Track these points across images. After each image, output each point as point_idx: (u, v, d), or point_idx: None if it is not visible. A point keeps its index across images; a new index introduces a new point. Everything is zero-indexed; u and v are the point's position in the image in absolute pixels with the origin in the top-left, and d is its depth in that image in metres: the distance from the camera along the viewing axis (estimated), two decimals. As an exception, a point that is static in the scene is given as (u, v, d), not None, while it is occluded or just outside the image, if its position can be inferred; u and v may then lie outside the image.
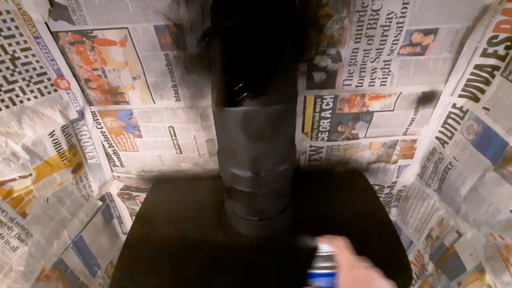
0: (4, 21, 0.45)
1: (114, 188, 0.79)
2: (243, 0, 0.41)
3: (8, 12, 0.45)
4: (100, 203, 0.76)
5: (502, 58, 0.49)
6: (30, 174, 0.54)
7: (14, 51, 0.47)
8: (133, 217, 0.87)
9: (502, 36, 0.48)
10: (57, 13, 0.46)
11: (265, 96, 0.37)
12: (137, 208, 0.84)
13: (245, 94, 0.37)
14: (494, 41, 0.49)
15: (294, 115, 0.46)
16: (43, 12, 0.46)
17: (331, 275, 0.39)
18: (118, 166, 0.73)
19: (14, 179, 0.52)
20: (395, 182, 0.78)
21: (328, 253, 0.41)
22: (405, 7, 0.47)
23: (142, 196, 0.80)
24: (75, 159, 0.64)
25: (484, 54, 0.50)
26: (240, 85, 0.37)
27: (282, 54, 0.41)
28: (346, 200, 0.64)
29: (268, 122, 0.39)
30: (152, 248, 0.56)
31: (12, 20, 0.46)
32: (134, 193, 0.80)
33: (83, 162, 0.67)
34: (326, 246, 0.42)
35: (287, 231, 0.57)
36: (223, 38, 0.41)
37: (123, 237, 0.91)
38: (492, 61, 0.50)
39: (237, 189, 0.49)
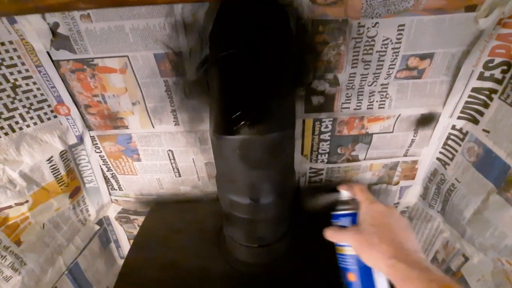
0: (7, 51, 0.46)
1: (112, 212, 0.78)
2: (241, 29, 0.42)
3: (11, 42, 0.46)
4: (97, 227, 0.75)
5: (499, 81, 0.49)
6: (27, 201, 0.53)
7: (16, 80, 0.48)
8: (131, 241, 0.85)
9: (497, 60, 0.48)
10: (59, 43, 0.47)
11: (262, 124, 0.37)
12: (135, 232, 0.82)
13: (242, 123, 0.37)
14: (490, 65, 0.49)
15: (293, 142, 0.46)
16: (45, 42, 0.47)
17: (352, 214, 0.43)
18: (116, 189, 0.72)
19: (10, 207, 0.51)
20: (398, 203, 0.76)
21: (349, 198, 0.45)
22: (400, 34, 0.48)
23: (140, 219, 0.79)
24: (73, 184, 0.63)
25: (481, 77, 0.51)
26: (237, 114, 0.37)
27: (280, 82, 0.41)
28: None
29: (266, 150, 0.39)
30: (149, 275, 0.54)
31: (15, 50, 0.47)
32: (132, 217, 0.79)
33: (81, 186, 0.66)
34: (346, 192, 0.46)
35: (287, 256, 0.55)
36: (222, 67, 0.41)
37: (120, 262, 0.88)
38: (489, 84, 0.50)
39: (236, 216, 0.48)
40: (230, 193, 0.45)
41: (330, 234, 0.43)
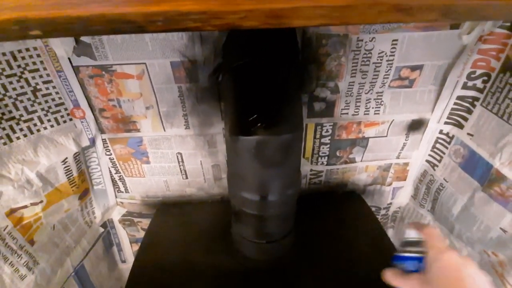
0: (31, 56, 0.49)
1: (116, 215, 0.79)
2: (252, 41, 0.46)
3: (35, 48, 0.49)
4: (101, 229, 0.76)
5: (480, 90, 0.55)
6: (41, 201, 0.55)
7: (37, 84, 0.50)
8: (133, 244, 0.86)
9: (479, 71, 0.54)
10: (81, 50, 0.50)
11: (276, 126, 0.41)
12: (138, 235, 0.84)
13: (258, 125, 0.40)
14: (472, 76, 0.55)
15: (301, 143, 0.50)
16: (68, 49, 0.49)
17: (418, 259, 0.38)
18: (122, 191, 0.74)
19: (25, 206, 0.52)
20: (391, 203, 0.81)
21: (416, 239, 0.41)
22: (394, 48, 0.53)
23: (144, 221, 0.80)
24: (83, 186, 0.65)
25: (465, 86, 0.57)
26: (254, 116, 0.41)
27: (289, 88, 0.46)
28: (346, 221, 0.67)
29: (279, 150, 0.43)
30: (158, 276, 0.56)
31: (38, 55, 0.49)
32: (136, 219, 0.80)
33: (89, 188, 0.68)
34: (414, 232, 0.41)
35: (293, 252, 0.58)
36: (236, 75, 0.45)
37: (121, 266, 0.89)
38: (472, 93, 0.57)
39: (246, 212, 0.51)
40: (242, 190, 0.49)
41: (392, 278, 0.38)
